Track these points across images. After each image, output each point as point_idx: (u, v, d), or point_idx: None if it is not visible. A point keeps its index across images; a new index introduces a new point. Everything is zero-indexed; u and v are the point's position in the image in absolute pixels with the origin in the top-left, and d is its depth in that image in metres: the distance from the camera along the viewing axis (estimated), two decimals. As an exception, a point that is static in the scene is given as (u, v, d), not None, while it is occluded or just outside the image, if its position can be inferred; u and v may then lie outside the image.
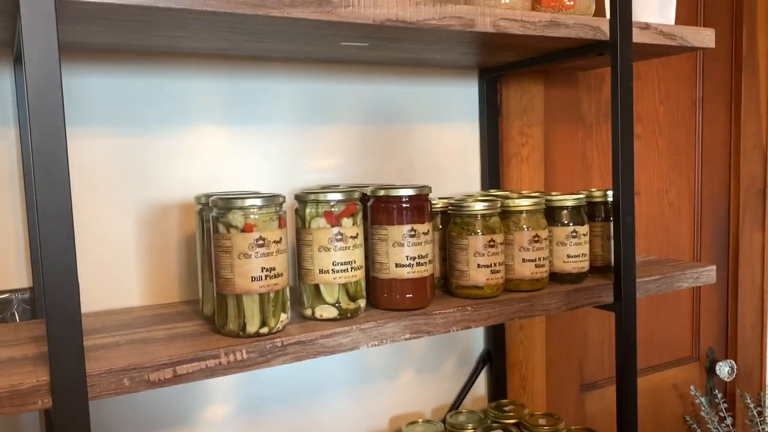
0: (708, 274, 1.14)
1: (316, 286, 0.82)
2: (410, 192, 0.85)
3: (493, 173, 1.26)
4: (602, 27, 0.96)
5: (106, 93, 0.94)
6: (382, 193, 0.86)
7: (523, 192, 1.11)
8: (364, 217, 0.87)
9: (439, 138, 1.22)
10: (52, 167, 0.61)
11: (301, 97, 1.09)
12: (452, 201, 0.95)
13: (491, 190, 1.18)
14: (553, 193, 1.05)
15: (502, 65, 1.18)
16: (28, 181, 0.89)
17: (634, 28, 0.97)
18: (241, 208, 0.74)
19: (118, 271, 0.96)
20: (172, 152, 0.99)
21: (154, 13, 0.69)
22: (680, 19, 1.13)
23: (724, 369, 1.71)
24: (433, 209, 0.93)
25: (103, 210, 0.95)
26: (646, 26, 1.00)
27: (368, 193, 0.88)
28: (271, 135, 1.07)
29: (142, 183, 0.97)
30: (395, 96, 1.17)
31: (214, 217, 0.76)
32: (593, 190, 1.09)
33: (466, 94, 1.24)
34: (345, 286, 0.82)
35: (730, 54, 1.67)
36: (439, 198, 1.00)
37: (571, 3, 0.95)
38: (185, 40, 0.86)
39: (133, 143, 0.97)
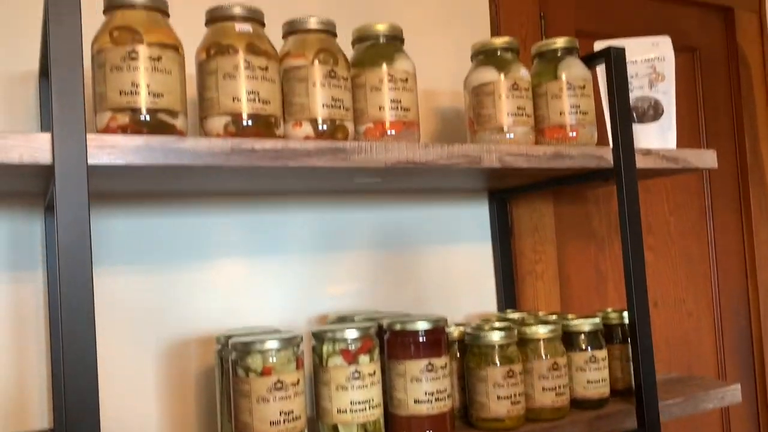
0: (733, 394, 1.12)
1: (335, 427, 0.81)
2: (426, 326, 0.86)
3: (508, 292, 1.26)
4: (605, 155, 0.99)
5: (127, 232, 0.98)
6: (398, 327, 0.87)
7: (540, 315, 1.11)
8: (381, 351, 0.88)
9: (452, 259, 1.24)
10: (78, 319, 0.64)
11: (317, 226, 1.12)
12: (468, 330, 0.95)
13: (507, 311, 1.18)
14: (570, 316, 1.05)
15: (511, 188, 1.22)
16: (53, 323, 0.92)
17: (636, 155, 1.00)
18: (260, 352, 0.75)
19: (137, 408, 0.96)
20: (191, 286, 1.02)
21: (179, 170, 0.73)
22: (682, 132, 1.16)
23: (762, 485, 1.63)
24: (450, 338, 0.93)
25: (123, 346, 0.96)
26: (648, 152, 1.04)
27: (384, 326, 0.89)
28: (289, 264, 1.09)
29: (161, 318, 0.99)
30: (407, 220, 1.20)
31: (233, 360, 0.77)
32: (609, 311, 1.09)
33: (476, 215, 1.27)
34: (364, 426, 0.82)
35: (735, 164, 1.70)
36: (456, 325, 1.00)
37: (574, 135, 0.99)
38: (207, 185, 0.91)
39: (154, 279, 0.99)
